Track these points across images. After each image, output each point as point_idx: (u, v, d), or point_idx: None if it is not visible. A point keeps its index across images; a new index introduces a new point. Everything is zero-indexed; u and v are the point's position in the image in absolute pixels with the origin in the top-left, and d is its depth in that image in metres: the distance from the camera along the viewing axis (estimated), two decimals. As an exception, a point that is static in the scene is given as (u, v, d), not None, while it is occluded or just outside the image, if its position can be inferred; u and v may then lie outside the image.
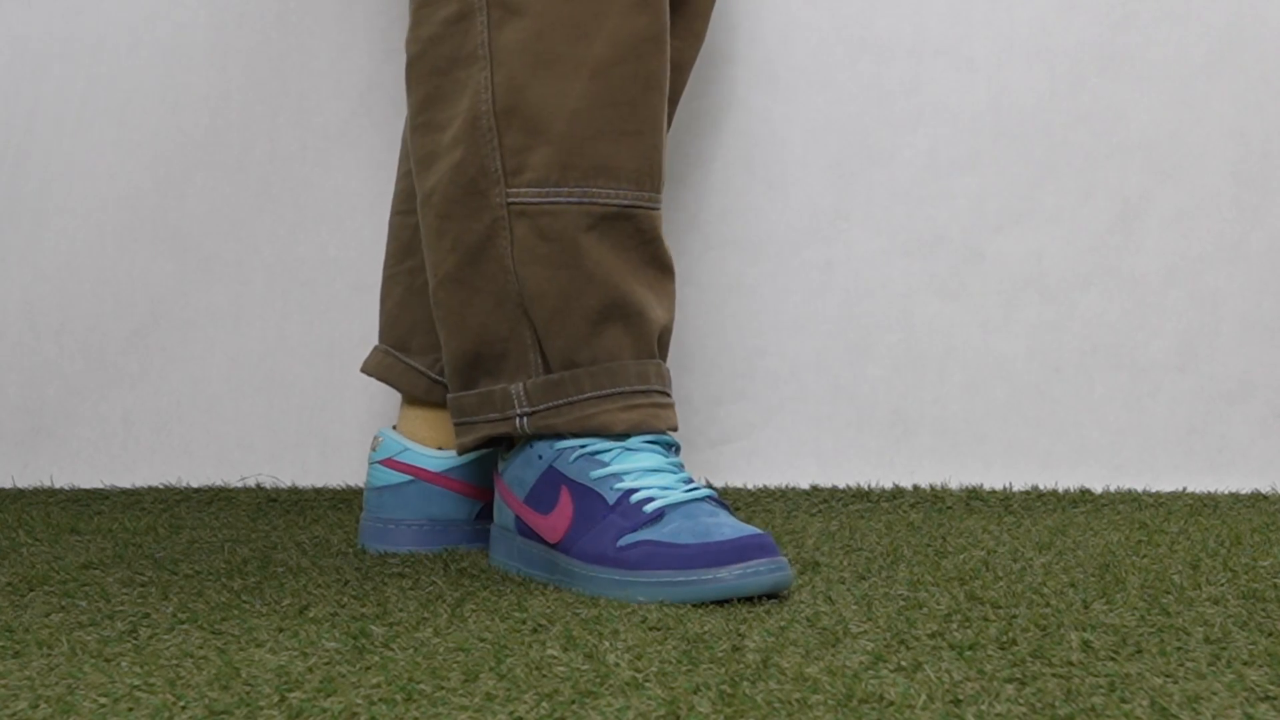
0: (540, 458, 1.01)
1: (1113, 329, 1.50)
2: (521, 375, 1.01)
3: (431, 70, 1.02)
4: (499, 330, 1.02)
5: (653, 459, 0.98)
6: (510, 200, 1.00)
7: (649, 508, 0.95)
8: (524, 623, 0.83)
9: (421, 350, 1.19)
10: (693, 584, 0.91)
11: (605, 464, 0.98)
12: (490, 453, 1.13)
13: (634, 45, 0.99)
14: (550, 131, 0.98)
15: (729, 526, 0.93)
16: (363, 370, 1.24)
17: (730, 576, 0.90)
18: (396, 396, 1.57)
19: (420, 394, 1.19)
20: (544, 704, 0.64)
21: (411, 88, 1.05)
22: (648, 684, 0.68)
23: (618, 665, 0.71)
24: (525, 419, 1.01)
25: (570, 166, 0.99)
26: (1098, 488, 1.46)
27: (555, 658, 0.74)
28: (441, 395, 1.16)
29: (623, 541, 0.94)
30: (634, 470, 0.97)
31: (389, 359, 1.22)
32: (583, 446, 0.99)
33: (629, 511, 0.96)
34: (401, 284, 1.22)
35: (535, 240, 1.00)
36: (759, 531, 0.93)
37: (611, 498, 0.97)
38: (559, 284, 1.00)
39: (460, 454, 1.09)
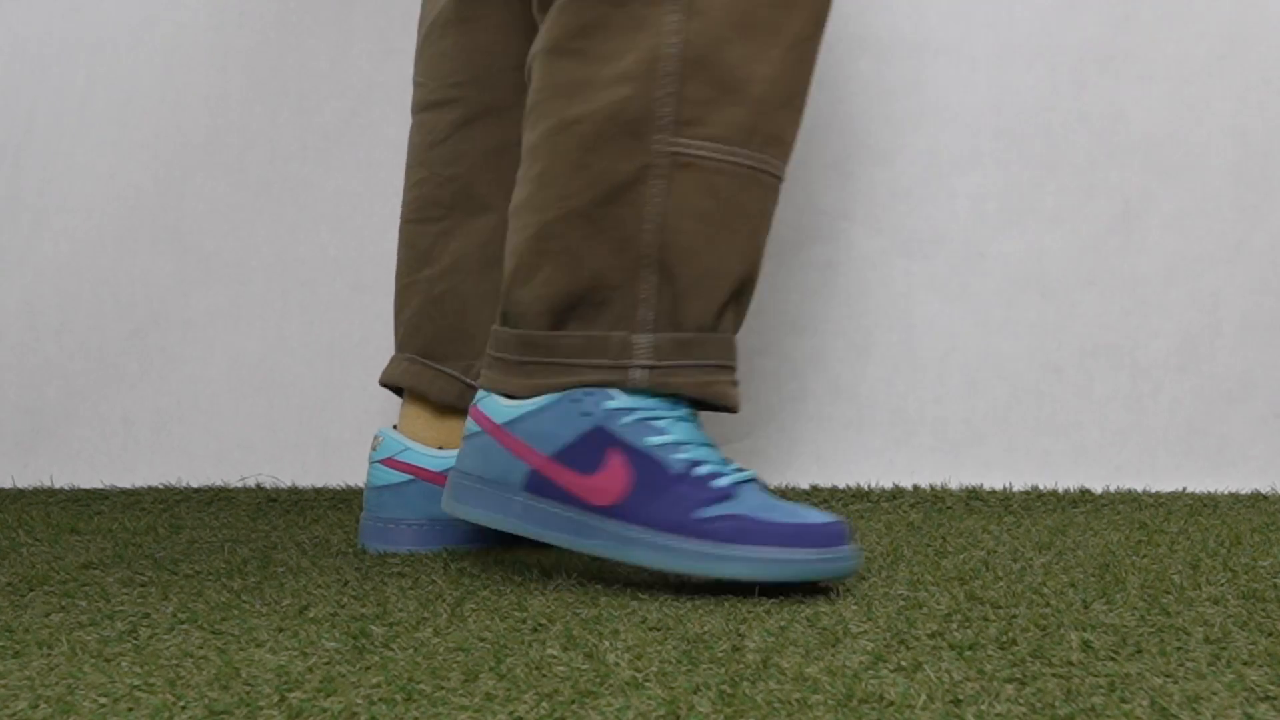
0: (586, 414, 0.96)
1: (1113, 329, 1.50)
2: (625, 326, 0.97)
3: None
4: (612, 276, 0.97)
5: (703, 434, 0.97)
6: (676, 150, 0.96)
7: (717, 483, 0.94)
8: (524, 622, 0.83)
9: (453, 356, 1.18)
10: (788, 563, 0.90)
11: (664, 432, 0.96)
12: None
13: (821, 23, 1.00)
14: (743, 92, 0.97)
15: (805, 509, 0.94)
16: (385, 381, 1.22)
17: (821, 559, 0.91)
18: (396, 397, 1.57)
19: (453, 400, 1.17)
20: (544, 704, 0.64)
21: (567, 10, 0.99)
22: (648, 684, 0.68)
23: (618, 665, 0.71)
24: (644, 372, 0.96)
25: (755, 131, 0.97)
26: (1098, 488, 1.46)
27: (555, 657, 0.74)
28: (469, 401, 1.13)
29: (704, 513, 0.92)
30: (693, 443, 0.96)
31: (416, 366, 1.19)
32: (636, 410, 0.96)
33: (697, 484, 0.94)
34: (420, 293, 1.20)
35: (700, 195, 0.97)
36: (838, 517, 0.94)
37: (675, 467, 0.94)
38: (716, 245, 0.97)
39: (531, 396, 0.99)
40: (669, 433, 0.95)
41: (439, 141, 1.21)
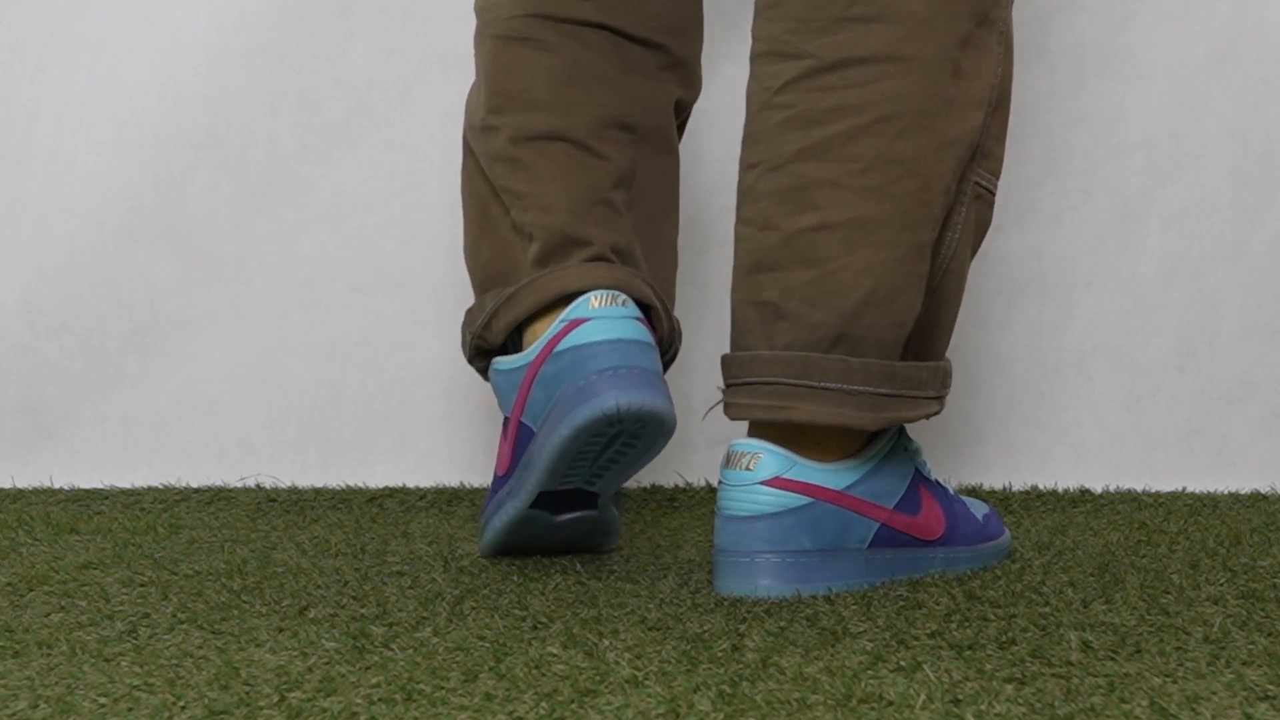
0: (908, 460, 0.99)
1: (1113, 329, 1.50)
2: (938, 355, 1.00)
3: (970, 14, 0.94)
4: (919, 304, 0.95)
5: None
6: (977, 179, 0.98)
7: (950, 488, 1.05)
8: (524, 621, 0.83)
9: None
10: (994, 549, 1.04)
11: (925, 459, 1.03)
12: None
13: None
14: (1007, 133, 1.01)
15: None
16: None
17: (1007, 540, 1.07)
18: (398, 397, 1.57)
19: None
20: (543, 704, 0.64)
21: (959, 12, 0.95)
22: (648, 682, 0.68)
23: (618, 664, 0.71)
24: (941, 401, 1.00)
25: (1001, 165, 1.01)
26: (1097, 488, 1.46)
27: (555, 655, 0.74)
28: None
29: (979, 515, 1.04)
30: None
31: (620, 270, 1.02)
32: (912, 443, 1.02)
33: (947, 491, 1.04)
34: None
35: (975, 228, 0.99)
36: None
37: (949, 488, 1.05)
38: (967, 274, 1.01)
39: (881, 427, 0.94)
40: (925, 458, 1.03)
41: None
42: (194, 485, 1.52)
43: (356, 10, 1.57)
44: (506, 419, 1.02)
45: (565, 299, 0.97)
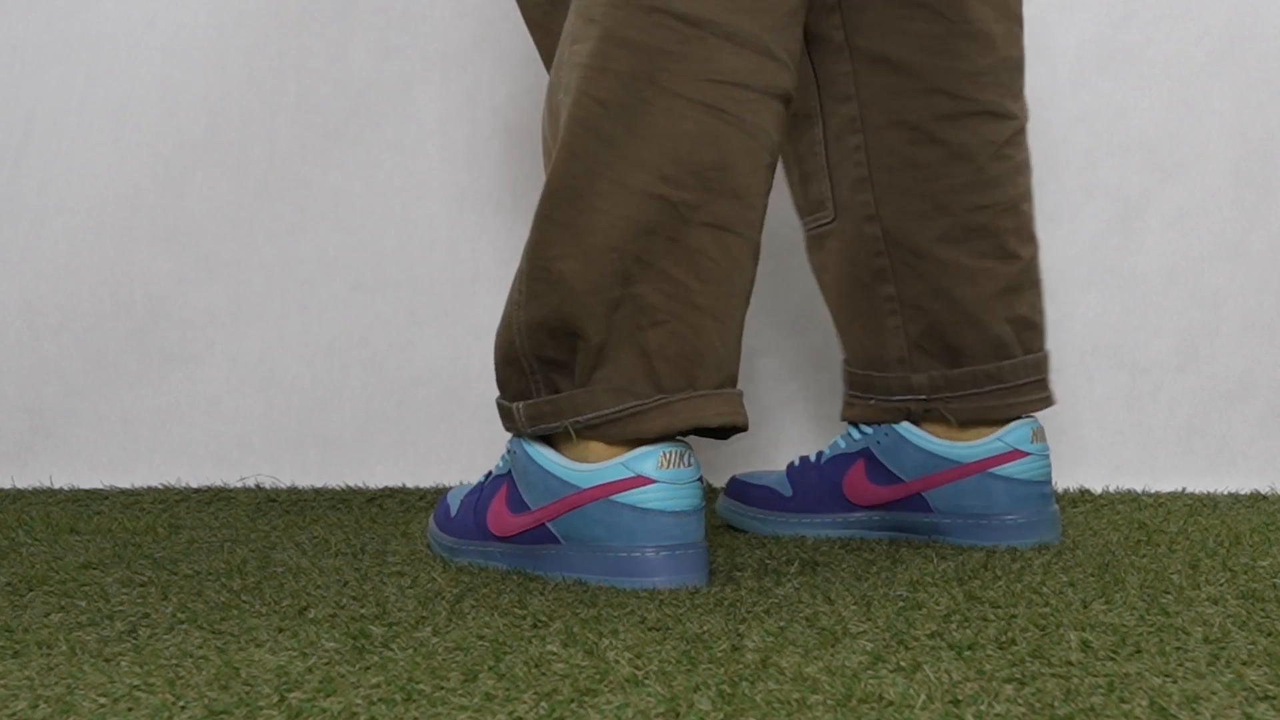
0: None
1: (1113, 329, 1.50)
2: None
3: None
4: None
5: None
6: None
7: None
8: (523, 619, 0.83)
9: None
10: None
11: None
12: None
13: None
14: None
15: None
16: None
17: None
18: (398, 397, 1.57)
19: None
20: (543, 703, 0.64)
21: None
22: (647, 681, 0.68)
23: (617, 662, 0.71)
24: None
25: None
26: (1097, 488, 1.46)
27: (555, 653, 0.74)
28: None
29: None
30: None
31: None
32: None
33: None
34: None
35: None
36: None
37: None
38: None
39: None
40: None
41: None
42: (194, 485, 1.52)
43: (356, 10, 1.57)
44: (519, 497, 1.02)
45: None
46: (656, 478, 0.95)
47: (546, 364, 0.99)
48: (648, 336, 0.96)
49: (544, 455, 0.99)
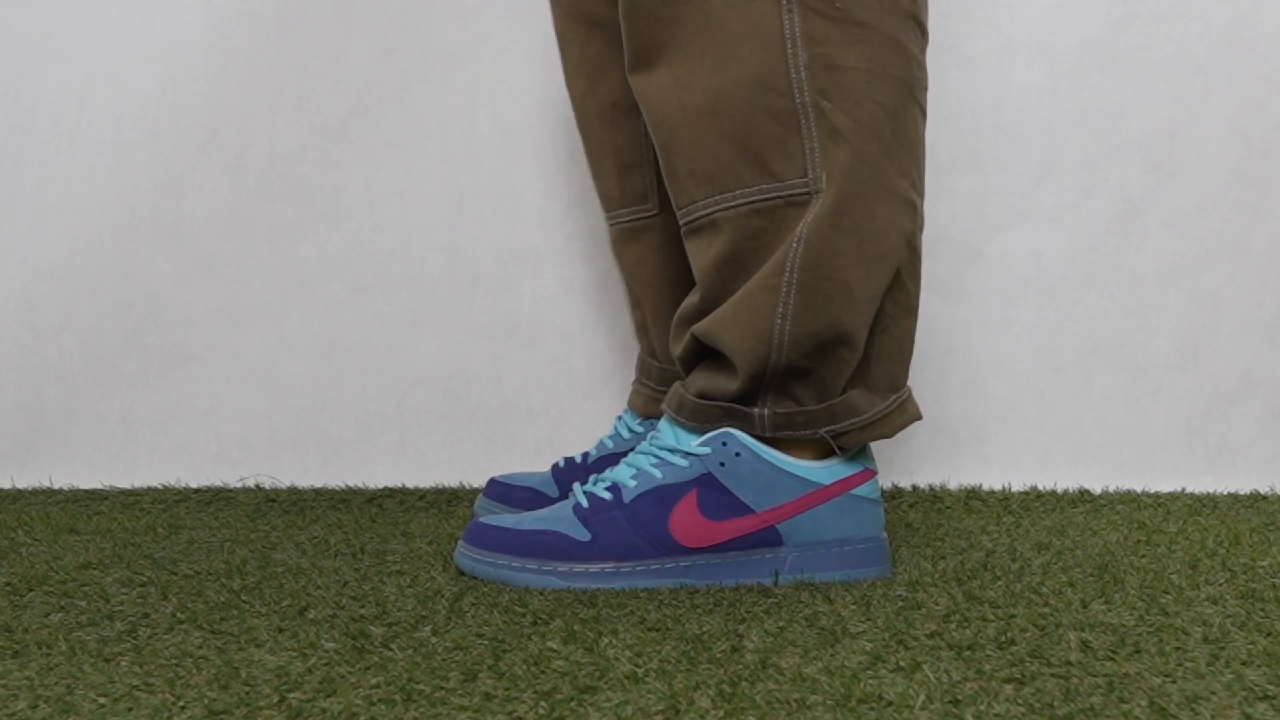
0: None
1: (1113, 329, 1.50)
2: None
3: None
4: None
5: None
6: None
7: None
8: (523, 618, 0.83)
9: None
10: None
11: None
12: None
13: None
14: None
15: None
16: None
17: None
18: (398, 397, 1.57)
19: None
20: (543, 703, 0.64)
21: None
22: (647, 679, 0.68)
23: (617, 660, 0.71)
24: None
25: None
26: (1097, 488, 1.46)
27: (554, 651, 0.74)
28: None
29: None
30: None
31: None
32: None
33: None
34: None
35: None
36: None
37: None
38: None
39: None
40: None
41: None
42: (194, 485, 1.52)
43: (355, 10, 1.57)
44: (729, 501, 0.98)
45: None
46: (875, 469, 1.01)
47: (792, 373, 0.97)
48: (886, 340, 0.99)
49: (778, 456, 0.98)
